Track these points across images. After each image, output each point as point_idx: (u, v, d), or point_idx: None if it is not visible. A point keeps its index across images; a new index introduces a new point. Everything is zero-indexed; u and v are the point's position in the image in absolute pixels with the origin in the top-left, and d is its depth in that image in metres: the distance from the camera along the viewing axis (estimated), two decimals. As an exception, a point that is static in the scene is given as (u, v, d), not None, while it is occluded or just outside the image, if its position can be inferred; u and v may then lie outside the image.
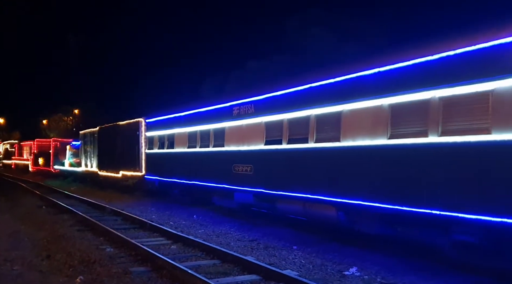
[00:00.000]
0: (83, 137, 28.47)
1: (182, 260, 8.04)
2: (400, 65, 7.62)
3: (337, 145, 8.84)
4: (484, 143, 6.27)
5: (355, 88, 8.51)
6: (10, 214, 14.22)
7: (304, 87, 9.90)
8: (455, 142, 6.64)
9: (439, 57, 6.95)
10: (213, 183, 13.29)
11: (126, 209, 15.05)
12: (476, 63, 6.46)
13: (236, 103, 12.39)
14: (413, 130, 7.34)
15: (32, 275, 7.17)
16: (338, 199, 8.70)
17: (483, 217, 6.20)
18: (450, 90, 6.76)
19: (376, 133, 7.97)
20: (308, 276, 6.97)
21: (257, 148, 11.42)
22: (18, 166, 50.66)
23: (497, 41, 6.16)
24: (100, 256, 8.39)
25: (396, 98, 7.64)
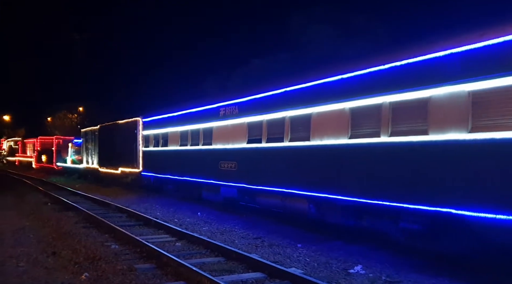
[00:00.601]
0: (85, 135, 29.22)
1: (186, 257, 8.06)
2: (358, 73, 8.51)
3: (307, 143, 9.74)
4: (423, 142, 7.18)
5: (322, 93, 9.39)
6: (15, 211, 14.29)
7: (280, 91, 10.75)
8: (401, 142, 7.56)
9: (389, 67, 7.84)
10: (202, 178, 14.17)
11: (131, 206, 15.09)
12: (417, 73, 7.36)
13: (222, 105, 13.25)
14: (368, 131, 8.23)
15: (37, 271, 7.21)
16: (309, 193, 9.54)
17: (424, 207, 7.06)
18: (398, 96, 7.66)
19: (339, 133, 8.87)
20: (313, 274, 6.97)
21: (240, 146, 12.27)
22: (22, 162, 51.49)
23: (434, 54, 7.10)
24: (105, 253, 8.42)
25: (355, 102, 8.53)
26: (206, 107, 14.23)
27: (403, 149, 7.55)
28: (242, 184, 12.06)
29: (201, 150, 14.48)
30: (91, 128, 28.08)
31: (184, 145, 15.75)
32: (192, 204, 15.40)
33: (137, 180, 20.18)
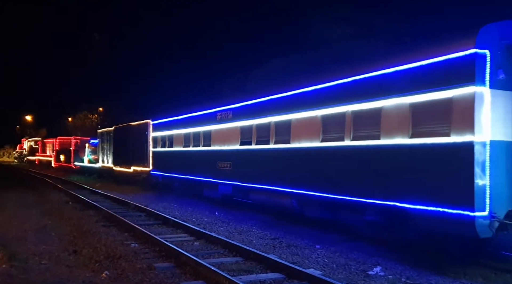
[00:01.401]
0: (101, 135, 30.66)
1: (205, 256, 8.09)
2: (328, 85, 9.71)
3: (288, 146, 10.97)
4: (376, 146, 8.35)
5: (300, 102, 10.60)
6: (38, 209, 14.56)
7: (266, 99, 11.97)
8: (361, 145, 8.73)
9: (351, 80, 9.05)
10: (203, 177, 15.46)
11: (149, 205, 15.23)
12: (372, 86, 8.50)
13: (219, 110, 14.61)
14: (336, 136, 9.44)
15: (59, 269, 7.32)
16: (291, 189, 10.72)
17: (380, 202, 8.15)
18: (358, 106, 8.85)
19: (313, 137, 10.09)
20: (332, 276, 6.92)
21: (234, 148, 13.55)
22: (42, 161, 53.17)
23: (385, 70, 8.27)
24: (125, 251, 8.52)
25: (325, 110, 9.77)
26: (205, 112, 15.61)
27: (362, 151, 8.72)
28: (236, 182, 13.29)
29: (201, 151, 15.85)
30: (106, 129, 29.53)
31: (187, 146, 17.10)
32: (209, 204, 15.47)
33: (147, 178, 21.42)
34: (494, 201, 6.70)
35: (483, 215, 6.62)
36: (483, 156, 6.72)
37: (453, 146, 6.97)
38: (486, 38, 6.89)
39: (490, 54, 6.85)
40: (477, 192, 6.61)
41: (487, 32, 6.94)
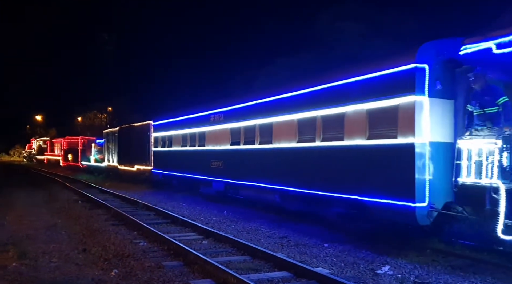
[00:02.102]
0: (106, 135, 31.81)
1: (213, 255, 8.11)
2: (302, 92, 10.80)
3: (270, 146, 12.05)
4: (341, 146, 9.45)
5: (280, 106, 11.66)
6: (48, 208, 14.70)
7: (252, 103, 13.03)
8: (328, 146, 9.84)
9: (321, 88, 10.13)
10: (199, 175, 16.54)
11: (158, 204, 15.30)
12: (337, 93, 9.65)
13: (212, 112, 15.66)
14: (309, 137, 10.47)
15: (69, 267, 7.38)
16: (274, 186, 11.65)
17: (344, 195, 9.23)
18: (326, 111, 9.93)
19: (290, 138, 11.12)
20: (340, 274, 6.90)
21: (225, 148, 14.59)
22: (50, 161, 54.46)
23: (347, 80, 9.40)
24: (134, 250, 8.56)
25: (300, 114, 10.78)
26: (200, 114, 16.69)
27: (329, 151, 9.82)
28: (227, 179, 14.30)
29: (197, 151, 16.93)
30: (111, 129, 30.85)
31: (184, 145, 18.24)
32: (217, 203, 15.50)
33: (149, 176, 22.46)
34: (432, 194, 7.70)
35: (422, 206, 7.65)
36: (422, 155, 7.74)
37: (399, 147, 8.06)
38: (425, 54, 7.88)
39: (429, 68, 7.85)
40: (418, 186, 7.65)
41: (426, 49, 7.95)
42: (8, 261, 7.55)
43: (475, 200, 7.21)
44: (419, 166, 7.69)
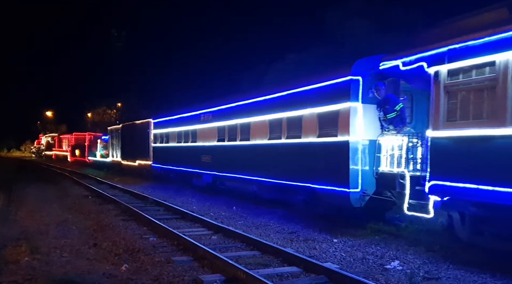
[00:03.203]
0: (111, 132, 33.48)
1: (222, 250, 8.15)
2: (273, 96, 12.59)
3: (249, 143, 13.78)
4: (299, 143, 11.29)
5: (255, 108, 13.43)
6: (58, 204, 14.83)
7: (234, 104, 14.87)
8: (290, 142, 11.71)
9: (286, 94, 11.95)
10: (191, 168, 18.40)
11: (168, 199, 15.39)
12: (297, 99, 11.43)
13: (202, 112, 17.48)
14: (277, 135, 12.30)
15: (80, 262, 7.46)
16: (253, 177, 13.34)
17: (305, 184, 10.88)
18: (290, 113, 11.74)
19: (263, 136, 12.96)
20: (349, 269, 6.91)
21: (213, 144, 16.45)
22: (58, 156, 56.42)
23: (304, 88, 11.24)
24: (144, 245, 8.63)
25: (271, 116, 12.61)
26: (193, 113, 18.50)
27: (291, 147, 11.64)
28: (215, 172, 16.14)
29: (190, 146, 18.79)
30: (115, 126, 32.60)
31: (179, 142, 20.05)
32: (227, 198, 15.56)
33: (149, 170, 24.20)
34: (364, 182, 9.45)
35: (356, 191, 9.46)
36: (356, 150, 9.52)
37: (338, 144, 9.89)
38: (358, 68, 9.60)
39: (363, 80, 9.57)
40: (351, 176, 9.44)
41: (359, 64, 9.66)
42: (20, 256, 7.65)
43: (389, 184, 8.96)
44: (353, 159, 9.49)
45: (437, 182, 7.37)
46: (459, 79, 7.21)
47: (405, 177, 8.27)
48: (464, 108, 7.12)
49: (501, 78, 6.48)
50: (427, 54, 7.67)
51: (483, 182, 6.59)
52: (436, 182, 7.40)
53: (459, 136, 7.10)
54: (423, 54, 7.74)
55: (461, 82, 7.18)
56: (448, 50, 7.28)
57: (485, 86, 6.82)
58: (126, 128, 29.09)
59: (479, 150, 6.76)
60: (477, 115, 6.90)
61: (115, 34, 63.53)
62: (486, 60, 6.73)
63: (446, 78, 7.37)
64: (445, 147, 7.34)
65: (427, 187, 7.52)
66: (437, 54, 7.47)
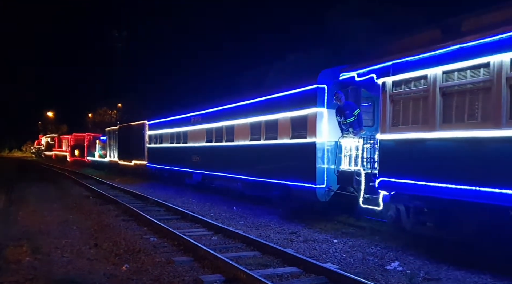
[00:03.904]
0: (108, 133, 34.53)
1: (223, 250, 8.16)
2: (253, 101, 13.78)
3: (233, 143, 14.97)
4: (275, 144, 12.50)
5: (239, 111, 14.66)
6: (59, 204, 14.86)
7: (220, 108, 16.05)
8: (268, 143, 12.88)
9: (264, 99, 13.13)
10: (183, 168, 19.50)
11: (168, 200, 15.41)
12: (274, 104, 12.58)
13: (193, 114, 18.70)
14: (257, 137, 13.49)
15: (81, 262, 7.48)
16: (237, 176, 14.48)
17: (279, 181, 12.03)
18: (267, 117, 12.94)
19: (245, 137, 14.11)
20: (349, 270, 6.91)
21: (202, 145, 17.65)
22: (58, 156, 57.62)
23: (279, 94, 12.44)
24: (144, 245, 8.65)
25: (251, 119, 13.80)
26: (184, 115, 19.61)
27: (269, 147, 12.80)
28: (204, 171, 17.34)
29: (181, 147, 19.91)
30: (113, 128, 33.47)
31: (172, 142, 21.20)
32: (227, 199, 15.58)
33: (145, 170, 25.20)
34: (329, 179, 10.53)
35: (321, 187, 10.56)
36: (322, 151, 10.68)
37: (307, 144, 11.00)
38: (324, 78, 10.76)
39: (328, 87, 10.73)
40: (318, 173, 10.56)
41: (324, 74, 10.78)
42: (22, 256, 7.67)
43: (347, 181, 9.92)
44: (319, 158, 10.64)
45: (385, 178, 8.41)
46: (401, 90, 8.24)
47: (361, 174, 9.34)
48: (405, 115, 8.14)
49: (431, 90, 7.46)
50: (376, 67, 8.71)
51: (420, 178, 7.56)
52: (383, 178, 8.44)
53: (401, 139, 8.16)
54: (373, 67, 8.78)
55: (403, 92, 8.20)
56: (392, 64, 8.30)
57: (420, 96, 7.77)
58: (123, 130, 30.13)
59: (416, 151, 7.79)
60: (414, 121, 7.89)
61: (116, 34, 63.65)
62: (421, 73, 7.69)
63: (391, 88, 8.42)
64: (390, 148, 8.41)
65: (377, 182, 8.59)
66: (384, 68, 8.51)
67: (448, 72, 7.25)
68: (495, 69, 6.50)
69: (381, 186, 8.48)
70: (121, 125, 31.23)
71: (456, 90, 7.16)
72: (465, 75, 7.03)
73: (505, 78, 6.36)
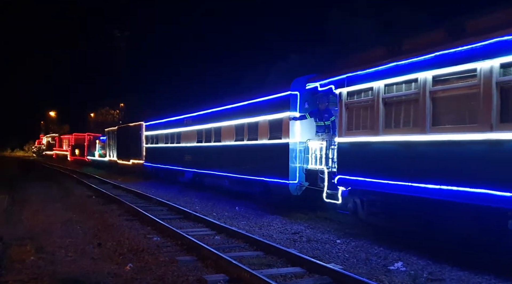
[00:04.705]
0: (108, 133, 35.68)
1: (226, 250, 8.17)
2: (238, 105, 15.03)
3: (220, 144, 16.24)
4: (256, 144, 13.73)
5: (225, 114, 15.86)
6: (62, 203, 14.89)
7: (210, 111, 17.30)
8: (251, 143, 14.05)
9: (247, 103, 14.40)
10: (176, 166, 20.68)
11: (171, 200, 15.42)
12: (255, 108, 13.84)
13: (185, 116, 19.96)
14: (241, 137, 14.71)
15: (84, 261, 7.50)
16: (225, 173, 15.57)
17: (260, 178, 13.22)
18: (249, 120, 14.16)
19: (231, 138, 15.41)
20: (353, 270, 6.91)
21: (193, 145, 18.94)
22: (59, 155, 59.02)
23: (259, 99, 13.66)
24: (148, 244, 8.67)
25: (236, 121, 15.08)
26: (178, 117, 20.86)
27: (251, 147, 13.98)
28: (195, 169, 18.62)
29: (175, 147, 21.14)
30: (112, 128, 34.69)
31: (167, 143, 22.47)
32: (229, 199, 15.59)
33: (142, 169, 26.24)
34: (301, 176, 11.78)
35: (294, 183, 11.81)
36: (294, 150, 11.90)
37: (281, 145, 12.28)
38: (296, 85, 11.91)
39: (300, 94, 11.93)
40: (291, 170, 11.82)
41: (296, 82, 11.91)
42: (26, 255, 7.70)
43: (314, 178, 11.29)
44: (292, 157, 11.83)
45: (342, 176, 9.76)
46: (354, 99, 9.54)
47: (324, 173, 10.66)
48: (357, 121, 9.42)
49: (376, 100, 8.77)
50: (334, 79, 10.02)
51: (369, 175, 8.82)
52: (341, 176, 9.78)
53: (353, 142, 9.47)
54: (332, 79, 10.09)
55: (355, 101, 9.50)
56: (346, 77, 9.57)
57: (368, 105, 9.05)
58: (121, 130, 31.29)
59: (365, 152, 9.07)
60: (364, 126, 9.17)
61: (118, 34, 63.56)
62: (368, 86, 8.98)
63: (346, 98, 9.72)
64: (346, 150, 9.73)
65: (336, 179, 9.91)
66: (340, 80, 9.81)
67: (388, 85, 8.51)
68: (421, 84, 7.72)
69: (340, 183, 9.81)
70: (120, 126, 32.49)
71: (394, 101, 8.43)
72: (401, 88, 8.29)
73: (428, 92, 7.59)
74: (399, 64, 8.11)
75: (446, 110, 7.39)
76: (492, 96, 6.55)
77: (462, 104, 7.14)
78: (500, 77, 6.54)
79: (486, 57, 6.65)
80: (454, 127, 7.14)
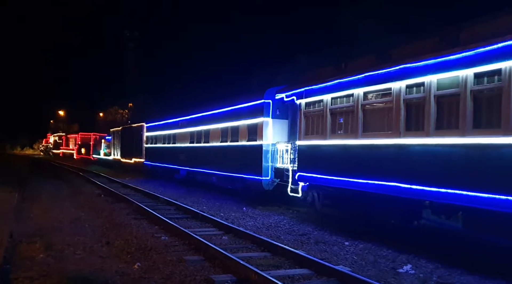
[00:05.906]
0: (113, 133, 38.21)
1: (233, 250, 8.15)
2: (224, 110, 17.02)
3: (208, 144, 18.34)
4: (237, 145, 15.70)
5: (213, 118, 18.01)
6: (71, 202, 14.99)
7: (200, 115, 19.40)
8: (233, 145, 16.07)
9: (231, 108, 16.34)
10: (172, 165, 22.73)
11: (178, 199, 15.46)
12: (237, 113, 15.82)
13: (180, 119, 22.16)
14: (225, 139, 16.73)
15: (93, 259, 7.53)
16: (212, 171, 17.58)
17: (241, 175, 15.08)
18: (232, 123, 16.21)
19: (217, 139, 17.43)
20: (361, 273, 6.86)
21: (187, 145, 21.06)
22: (65, 154, 61.94)
23: (240, 105, 15.64)
24: (156, 244, 8.69)
25: (222, 124, 17.13)
26: (174, 120, 23.02)
27: (233, 148, 16.00)
28: (188, 168, 20.56)
29: (171, 147, 23.31)
30: (116, 129, 37.28)
31: (164, 143, 24.62)
32: (236, 199, 15.60)
33: (142, 167, 28.34)
34: (272, 173, 13.75)
35: (266, 179, 13.79)
36: (267, 151, 13.88)
37: (256, 146, 14.24)
38: (269, 95, 13.89)
39: (272, 102, 13.89)
40: (264, 168, 13.81)
41: (269, 92, 13.89)
42: (35, 253, 7.75)
43: (281, 175, 13.21)
44: (264, 157, 13.81)
45: (301, 173, 11.49)
46: (310, 109, 11.39)
47: (289, 170, 12.38)
48: (312, 127, 11.30)
49: (325, 110, 10.68)
50: (295, 92, 11.83)
51: (320, 173, 10.62)
52: (301, 173, 11.52)
53: (309, 144, 11.36)
54: (294, 91, 11.87)
55: (310, 111, 11.36)
56: (305, 90, 11.40)
57: (320, 114, 10.90)
58: (125, 130, 33.50)
59: (317, 153, 11.01)
60: (317, 132, 11.06)
61: (127, 34, 64.04)
62: (320, 98, 10.87)
63: (304, 108, 11.59)
64: (304, 151, 11.57)
65: (296, 176, 11.68)
66: (300, 92, 11.62)
67: (334, 98, 10.41)
68: (356, 98, 9.59)
69: (300, 179, 11.56)
70: (123, 127, 34.88)
71: (338, 111, 10.35)
72: (343, 101, 10.19)
73: (360, 105, 9.47)
74: (341, 81, 9.94)
75: (372, 120, 9.29)
76: (400, 110, 8.37)
77: (382, 115, 8.99)
78: (406, 95, 8.33)
79: (398, 79, 8.44)
80: (376, 134, 9.00)
